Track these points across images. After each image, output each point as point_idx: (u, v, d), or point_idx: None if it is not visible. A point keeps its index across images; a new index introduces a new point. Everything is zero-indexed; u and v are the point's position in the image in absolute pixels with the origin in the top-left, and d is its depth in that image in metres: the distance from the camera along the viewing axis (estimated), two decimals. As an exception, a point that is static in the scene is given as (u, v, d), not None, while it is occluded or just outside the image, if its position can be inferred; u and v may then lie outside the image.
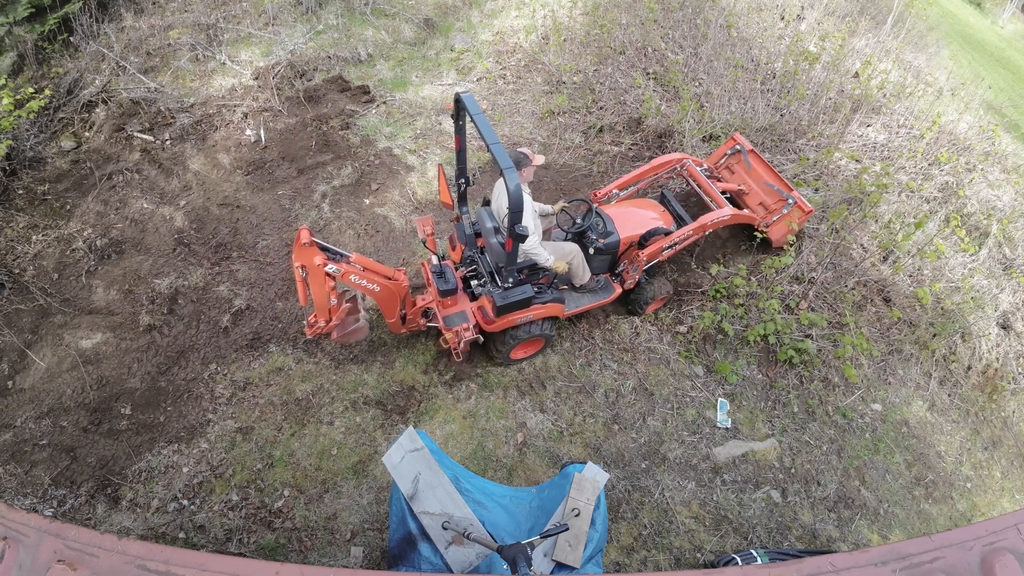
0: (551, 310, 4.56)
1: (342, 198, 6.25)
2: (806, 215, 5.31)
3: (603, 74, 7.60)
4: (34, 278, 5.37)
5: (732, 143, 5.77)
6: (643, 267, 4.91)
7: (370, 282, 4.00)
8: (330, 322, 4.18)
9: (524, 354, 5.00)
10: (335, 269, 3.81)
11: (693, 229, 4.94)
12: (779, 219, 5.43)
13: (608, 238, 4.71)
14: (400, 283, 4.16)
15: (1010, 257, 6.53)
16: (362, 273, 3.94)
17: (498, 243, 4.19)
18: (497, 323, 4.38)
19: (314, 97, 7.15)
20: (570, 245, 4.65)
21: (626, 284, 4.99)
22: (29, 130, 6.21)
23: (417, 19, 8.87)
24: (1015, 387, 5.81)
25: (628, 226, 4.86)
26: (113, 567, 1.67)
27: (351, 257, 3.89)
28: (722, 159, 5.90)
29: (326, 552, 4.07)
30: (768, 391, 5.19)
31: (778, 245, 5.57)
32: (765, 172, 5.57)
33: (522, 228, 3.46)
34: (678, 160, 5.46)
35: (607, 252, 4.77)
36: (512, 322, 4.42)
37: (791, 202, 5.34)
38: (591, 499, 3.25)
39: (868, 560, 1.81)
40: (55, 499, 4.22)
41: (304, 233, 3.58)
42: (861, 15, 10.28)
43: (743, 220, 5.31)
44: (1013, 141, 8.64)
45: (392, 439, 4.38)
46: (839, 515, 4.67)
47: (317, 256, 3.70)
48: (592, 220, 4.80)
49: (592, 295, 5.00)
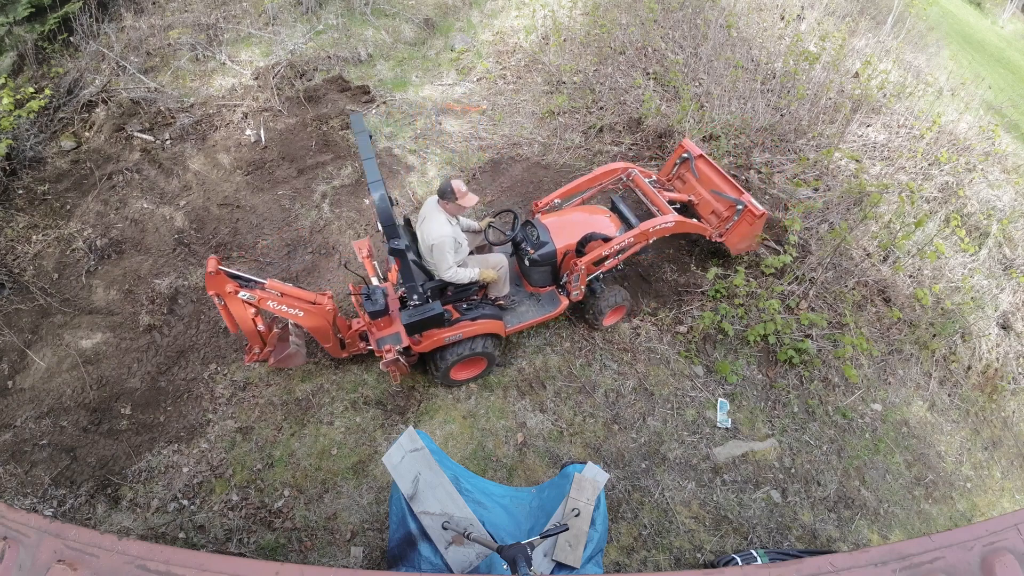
0: (486, 327, 4.36)
1: (342, 198, 6.25)
2: (758, 219, 4.94)
3: (603, 74, 7.60)
4: (34, 278, 5.37)
5: (681, 150, 5.45)
6: (585, 277, 4.66)
7: (291, 307, 3.81)
8: (264, 348, 4.03)
9: (466, 375, 4.78)
10: (249, 296, 3.67)
11: (634, 235, 4.62)
12: (733, 226, 5.11)
13: (542, 248, 4.52)
14: (324, 307, 3.92)
15: (1010, 257, 6.53)
16: (280, 299, 3.76)
17: (413, 262, 4.08)
18: (423, 343, 4.21)
19: (314, 97, 7.15)
20: (497, 257, 4.49)
21: (572, 296, 4.75)
22: (29, 130, 6.21)
23: (417, 19, 8.87)
24: (1015, 387, 5.81)
25: (565, 234, 4.63)
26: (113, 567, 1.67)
27: (265, 283, 3.74)
28: (673, 168, 5.59)
29: (326, 552, 4.07)
30: (768, 391, 5.19)
31: (737, 253, 5.38)
32: (715, 177, 5.25)
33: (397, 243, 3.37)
34: (623, 169, 5.22)
35: (543, 263, 4.58)
36: (440, 341, 4.25)
37: (740, 207, 4.98)
38: (591, 499, 3.25)
39: (868, 560, 1.81)
40: (55, 499, 4.22)
41: (211, 261, 3.48)
42: (861, 15, 10.28)
43: (691, 229, 5.02)
44: (1013, 141, 8.65)
45: (392, 439, 4.38)
46: (839, 515, 4.66)
47: (228, 284, 3.59)
48: (525, 231, 4.62)
49: (538, 309, 4.79)
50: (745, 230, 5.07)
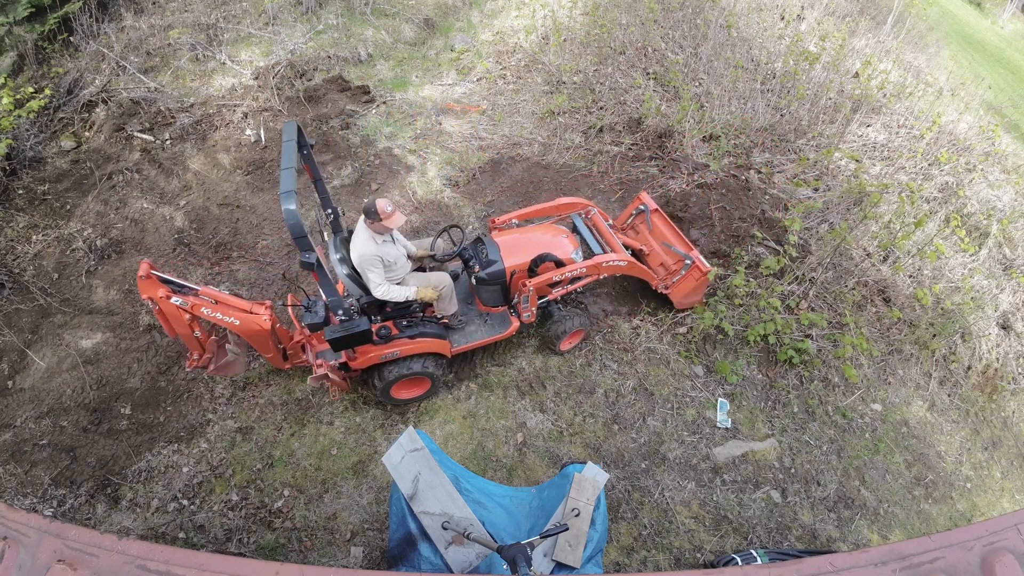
0: (427, 346, 4.23)
1: (342, 198, 6.25)
2: (703, 276, 4.90)
3: (603, 74, 7.60)
4: (34, 278, 5.37)
5: (638, 202, 5.45)
6: (536, 299, 4.53)
7: (226, 315, 3.72)
8: (203, 355, 3.97)
9: (408, 394, 4.62)
10: (181, 302, 3.61)
11: (587, 266, 4.55)
12: (679, 280, 5.10)
13: (490, 267, 4.38)
14: (260, 317, 3.81)
15: (1010, 257, 6.53)
16: (214, 306, 3.68)
17: (345, 276, 4.00)
18: (359, 359, 4.11)
19: (314, 97, 7.15)
20: (439, 275, 4.37)
21: (523, 318, 4.62)
22: (29, 130, 6.21)
23: (417, 19, 8.87)
24: (1015, 387, 5.82)
25: (517, 254, 4.48)
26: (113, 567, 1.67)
27: (199, 290, 3.66)
28: (629, 219, 5.58)
29: (326, 552, 4.07)
30: (768, 391, 5.19)
31: (680, 307, 5.34)
32: (668, 231, 5.29)
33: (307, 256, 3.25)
34: (583, 206, 5.16)
35: (491, 282, 4.44)
36: (376, 358, 4.15)
37: (688, 263, 4.97)
38: (591, 499, 3.25)
39: (868, 560, 1.81)
40: (55, 499, 4.22)
41: (143, 266, 3.42)
42: (861, 15, 10.28)
43: (641, 274, 5.01)
44: (1013, 141, 8.65)
45: (392, 439, 4.38)
46: (839, 515, 4.66)
47: (160, 289, 3.53)
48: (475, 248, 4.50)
49: (488, 329, 4.66)
50: (690, 285, 5.05)
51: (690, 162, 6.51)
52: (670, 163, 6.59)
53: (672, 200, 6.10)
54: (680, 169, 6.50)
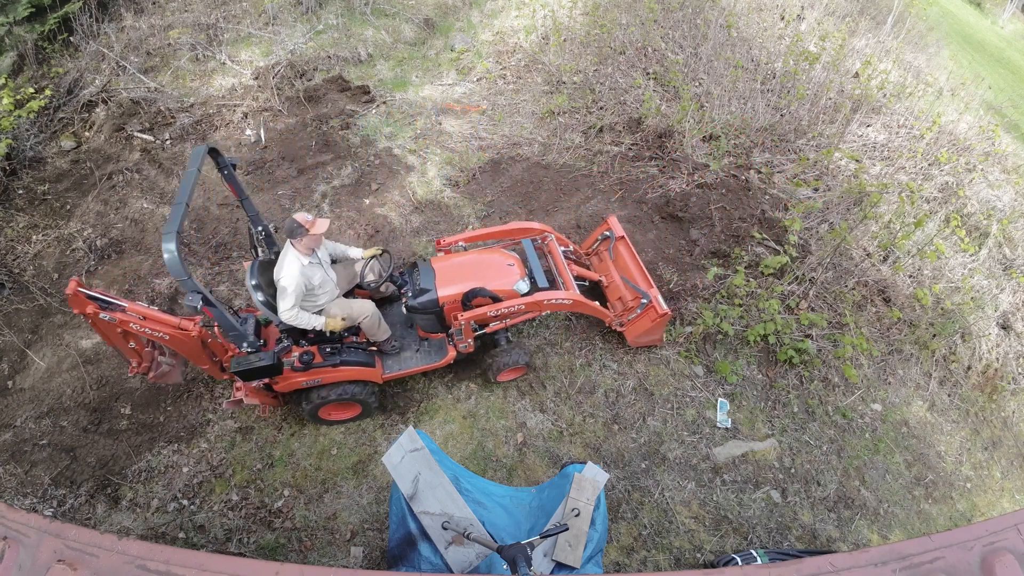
0: (351, 374, 4.12)
1: (342, 198, 6.25)
2: (661, 318, 4.61)
3: (603, 74, 7.60)
4: (34, 278, 5.37)
5: (605, 226, 5.15)
6: (470, 331, 4.32)
7: (155, 331, 3.70)
8: (141, 363, 3.97)
9: (339, 416, 4.53)
10: (109, 318, 3.59)
11: (526, 304, 4.26)
12: (635, 318, 4.78)
13: (423, 296, 4.20)
14: (190, 333, 3.75)
15: (1010, 257, 6.53)
16: (142, 322, 3.66)
17: (260, 303, 3.90)
18: (281, 384, 4.02)
19: (314, 97, 7.15)
20: (362, 303, 4.18)
21: (459, 348, 4.41)
22: (29, 130, 6.21)
23: (417, 19, 8.87)
24: (1015, 387, 5.81)
25: (452, 283, 4.26)
26: (113, 567, 1.67)
27: (126, 306, 3.64)
28: (595, 243, 5.30)
29: (326, 552, 4.07)
30: (768, 391, 5.19)
31: (636, 345, 5.09)
32: (630, 264, 4.96)
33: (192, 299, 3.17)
34: (539, 232, 4.88)
35: (423, 311, 4.25)
36: (297, 384, 4.04)
37: (645, 302, 4.67)
38: (591, 499, 3.25)
39: (868, 560, 1.81)
40: (55, 499, 4.22)
41: (71, 284, 3.44)
42: (861, 15, 10.28)
43: (589, 312, 4.67)
44: (1013, 141, 8.65)
45: (392, 439, 4.38)
46: (839, 515, 4.66)
47: (88, 306, 3.53)
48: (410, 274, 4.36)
49: (423, 357, 4.49)
50: (646, 325, 4.76)
51: (690, 162, 6.51)
52: (670, 163, 6.59)
53: (672, 200, 6.10)
54: (680, 169, 6.50)
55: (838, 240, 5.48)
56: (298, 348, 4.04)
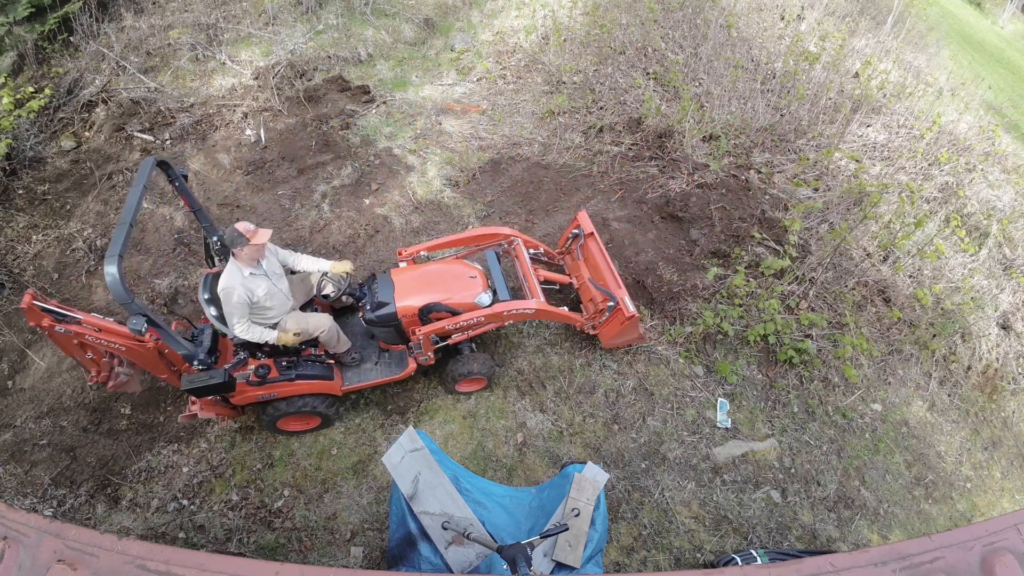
0: (308, 388, 4.07)
1: (342, 198, 6.25)
2: (629, 321, 4.44)
3: (603, 74, 7.60)
4: (34, 278, 5.37)
5: (575, 224, 4.98)
6: (430, 346, 4.27)
7: (111, 342, 3.68)
8: (100, 373, 3.96)
9: (298, 427, 4.49)
10: (65, 331, 3.57)
11: (486, 315, 4.17)
12: (606, 321, 4.65)
13: (381, 309, 4.12)
14: (146, 344, 3.72)
15: (1010, 257, 6.53)
16: (98, 334, 3.64)
17: (213, 317, 3.89)
18: (237, 397, 3.98)
19: (314, 97, 7.15)
20: (318, 317, 4.11)
21: (419, 360, 4.36)
22: (29, 130, 6.21)
23: (417, 19, 8.87)
24: (1015, 387, 5.82)
25: (411, 296, 4.18)
26: (113, 567, 1.67)
27: (81, 318, 3.62)
28: (567, 243, 5.11)
29: (326, 552, 4.07)
30: (768, 391, 5.19)
31: (611, 347, 5.00)
32: (600, 263, 4.76)
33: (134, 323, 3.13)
34: (505, 236, 4.76)
35: (381, 324, 4.18)
36: (253, 398, 4.01)
37: (612, 305, 4.52)
38: (591, 499, 3.25)
39: (868, 560, 1.81)
40: (55, 499, 4.22)
41: (25, 297, 3.42)
42: (861, 15, 10.28)
43: (556, 319, 4.57)
44: (1013, 141, 8.65)
45: (392, 439, 4.38)
46: (839, 515, 4.67)
47: (44, 319, 3.51)
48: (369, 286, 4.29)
49: (383, 369, 4.44)
50: (616, 328, 4.60)
51: (690, 162, 6.51)
52: (670, 163, 6.59)
53: (672, 200, 6.10)
54: (680, 169, 6.50)
55: (838, 240, 5.48)
56: (255, 361, 4.00)
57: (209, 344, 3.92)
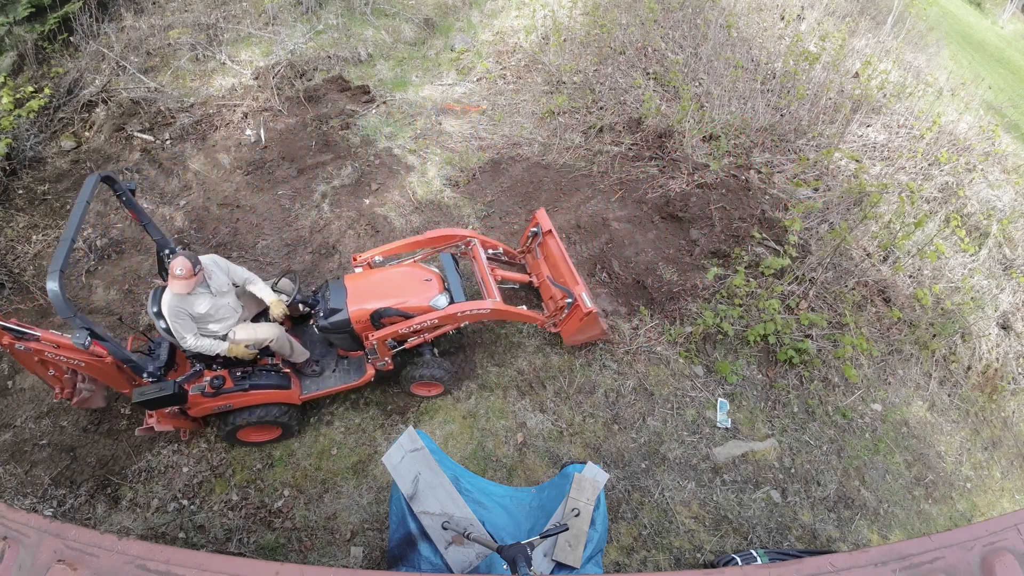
0: (265, 397, 4.04)
1: (342, 198, 6.25)
2: (587, 317, 4.43)
3: (603, 74, 7.60)
4: (34, 278, 5.37)
5: (534, 222, 4.92)
6: (385, 351, 4.24)
7: (68, 358, 3.67)
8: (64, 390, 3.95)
9: (259, 438, 4.42)
10: (25, 348, 3.57)
11: (439, 317, 4.13)
12: (566, 318, 4.62)
13: (334, 316, 4.09)
14: (104, 359, 3.72)
15: (1010, 257, 6.53)
16: (56, 351, 3.64)
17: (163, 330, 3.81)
18: (194, 408, 3.96)
19: (314, 97, 7.15)
20: (267, 327, 4.05)
21: (377, 366, 4.34)
22: (29, 130, 6.21)
23: (417, 19, 8.87)
24: (1015, 387, 5.82)
25: (364, 301, 4.15)
26: (113, 567, 1.67)
27: (39, 335, 3.62)
28: (527, 242, 5.06)
29: (326, 552, 4.07)
30: (768, 391, 5.19)
31: (573, 344, 4.98)
32: (559, 261, 4.72)
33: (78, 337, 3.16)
34: (462, 237, 4.71)
35: (335, 330, 4.15)
36: (209, 410, 3.98)
37: (570, 301, 4.49)
38: (591, 499, 3.25)
39: (868, 560, 1.81)
40: (55, 499, 4.22)
41: None
42: (861, 15, 10.28)
43: (514, 318, 4.55)
44: (1013, 141, 8.65)
45: (392, 439, 4.38)
46: (839, 515, 4.67)
47: (4, 336, 3.52)
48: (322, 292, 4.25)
49: (342, 376, 4.43)
50: (576, 325, 4.60)
51: (690, 162, 6.51)
52: (670, 163, 6.59)
53: (672, 200, 6.10)
54: (680, 169, 6.50)
55: (838, 240, 5.48)
56: (211, 372, 3.98)
57: (166, 357, 3.89)
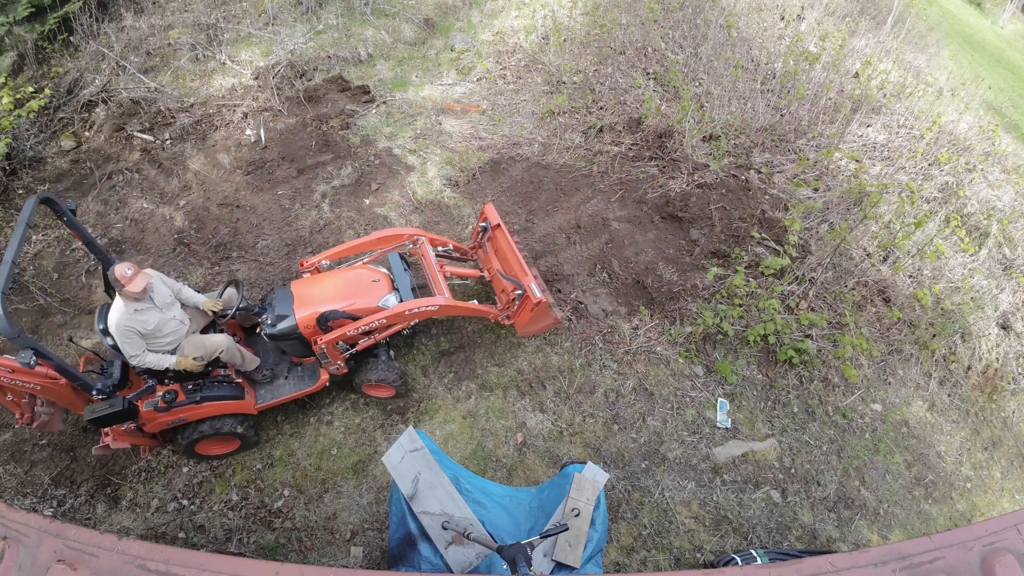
0: (218, 409, 4.01)
1: (342, 198, 6.25)
2: (538, 307, 4.40)
3: (603, 74, 7.60)
4: (34, 278, 5.37)
5: (483, 217, 4.91)
6: (337, 353, 4.19)
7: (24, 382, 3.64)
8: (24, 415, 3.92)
9: (219, 451, 4.37)
10: None
11: (388, 317, 4.08)
12: (517, 310, 4.60)
13: (282, 322, 4.06)
14: (60, 382, 3.70)
15: (1010, 257, 6.53)
16: (11, 375, 3.60)
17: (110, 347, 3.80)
18: (148, 424, 3.93)
19: (314, 97, 7.15)
20: (214, 338, 4.02)
21: (330, 370, 4.31)
22: (29, 130, 6.21)
23: (417, 19, 8.87)
24: (1015, 387, 5.82)
25: (311, 306, 4.12)
26: (113, 567, 1.67)
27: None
28: (478, 237, 5.06)
29: (326, 552, 4.07)
30: (768, 391, 5.19)
31: (527, 335, 4.99)
32: (508, 254, 4.71)
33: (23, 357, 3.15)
34: (410, 236, 4.67)
35: (283, 337, 4.12)
36: (163, 425, 3.94)
37: (520, 293, 4.46)
38: (591, 499, 3.25)
39: (868, 560, 1.81)
40: (55, 499, 4.22)
41: None
42: (861, 15, 10.28)
43: (464, 313, 4.57)
44: (1013, 141, 8.65)
45: (392, 439, 4.38)
46: (839, 515, 4.67)
47: None
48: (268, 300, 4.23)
49: (295, 383, 4.39)
50: (528, 315, 4.56)
51: (690, 162, 6.51)
52: (670, 163, 6.59)
53: (672, 200, 6.10)
54: (680, 169, 6.50)
55: (838, 240, 5.48)
56: (163, 387, 3.96)
57: (119, 375, 3.85)
